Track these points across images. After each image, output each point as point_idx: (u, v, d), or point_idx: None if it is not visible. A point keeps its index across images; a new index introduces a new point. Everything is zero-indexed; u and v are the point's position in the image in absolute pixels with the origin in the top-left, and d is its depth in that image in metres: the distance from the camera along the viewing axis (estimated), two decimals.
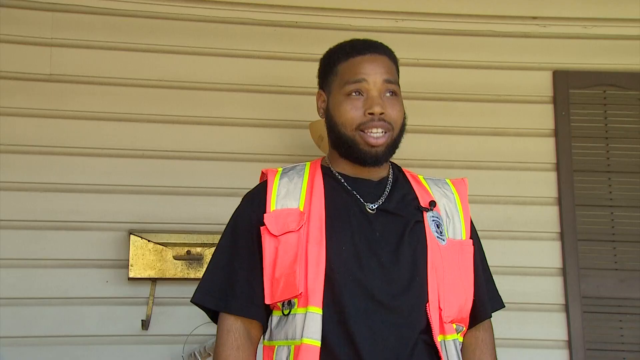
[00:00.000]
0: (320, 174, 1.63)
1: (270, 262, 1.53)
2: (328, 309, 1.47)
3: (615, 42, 3.25)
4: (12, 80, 2.94)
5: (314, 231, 1.52)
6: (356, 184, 1.62)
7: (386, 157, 1.61)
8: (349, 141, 1.59)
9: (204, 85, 3.06)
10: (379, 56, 1.64)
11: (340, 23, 3.13)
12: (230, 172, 2.99)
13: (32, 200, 2.87)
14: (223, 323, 1.57)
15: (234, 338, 1.54)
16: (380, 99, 1.58)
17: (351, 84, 1.59)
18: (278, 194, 1.60)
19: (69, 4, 3.02)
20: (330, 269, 1.49)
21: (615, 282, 3.03)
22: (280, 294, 1.51)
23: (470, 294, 1.58)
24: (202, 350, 2.77)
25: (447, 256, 1.56)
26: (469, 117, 3.16)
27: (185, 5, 3.09)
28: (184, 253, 2.84)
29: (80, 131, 2.95)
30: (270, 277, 1.52)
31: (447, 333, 1.51)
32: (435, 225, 1.59)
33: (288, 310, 1.50)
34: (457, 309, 1.54)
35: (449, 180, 1.72)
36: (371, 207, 1.57)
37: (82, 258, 2.85)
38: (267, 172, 1.68)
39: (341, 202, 1.58)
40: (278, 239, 1.53)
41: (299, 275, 1.48)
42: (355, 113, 1.58)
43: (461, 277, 1.57)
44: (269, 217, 1.56)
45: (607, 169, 3.14)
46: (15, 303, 2.79)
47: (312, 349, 1.44)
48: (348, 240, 1.53)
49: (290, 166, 1.69)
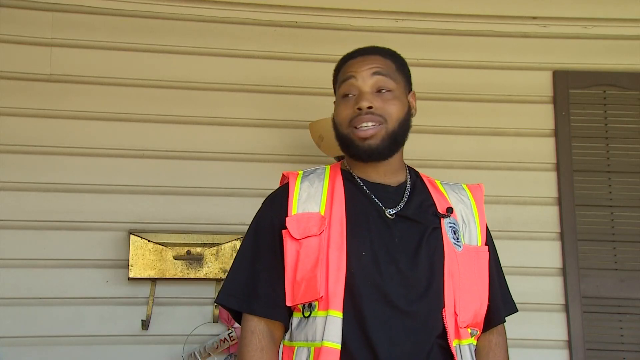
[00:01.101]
0: (341, 179, 1.67)
1: (292, 265, 1.56)
2: (348, 313, 1.50)
3: (615, 42, 3.25)
4: (12, 80, 2.94)
5: (335, 236, 1.55)
6: (376, 189, 1.64)
7: (383, 150, 1.62)
8: (345, 139, 1.64)
9: (204, 85, 3.06)
10: (369, 56, 1.68)
11: (340, 23, 3.13)
12: (230, 172, 2.99)
13: (32, 200, 2.87)
14: (247, 324, 1.60)
15: (258, 339, 1.58)
16: (370, 95, 1.62)
17: (343, 84, 1.66)
18: (299, 197, 1.63)
19: (69, 4, 3.02)
20: (350, 273, 1.52)
21: (615, 282, 3.03)
22: (302, 296, 1.54)
23: (485, 299, 1.61)
24: (202, 350, 2.77)
25: (464, 262, 1.59)
26: (469, 117, 3.16)
27: (185, 5, 3.09)
28: (184, 253, 2.84)
29: (80, 131, 2.95)
30: (292, 280, 1.55)
31: (463, 338, 1.54)
32: (452, 231, 1.62)
33: (309, 312, 1.53)
34: (472, 314, 1.57)
35: (465, 185, 1.75)
36: (390, 213, 1.60)
37: (82, 258, 2.85)
38: (289, 175, 1.70)
39: (361, 207, 1.61)
40: (299, 243, 1.56)
41: (320, 279, 1.51)
42: (348, 111, 1.63)
43: (477, 283, 1.60)
44: (291, 220, 1.58)
45: (607, 169, 3.14)
46: (15, 303, 2.79)
47: (332, 352, 1.47)
48: (367, 245, 1.55)
49: (311, 169, 1.72)
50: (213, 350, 2.77)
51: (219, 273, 2.83)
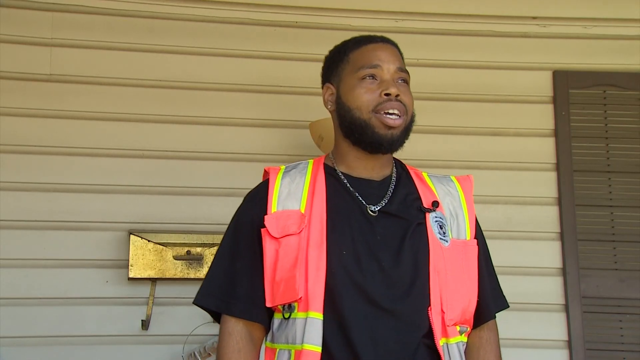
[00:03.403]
0: (323, 174, 1.61)
1: (271, 265, 1.51)
2: (328, 314, 1.46)
3: (615, 42, 3.24)
4: (12, 80, 2.94)
5: (315, 234, 1.50)
6: (359, 184, 1.60)
7: (401, 142, 1.59)
8: (364, 125, 1.56)
9: (204, 85, 3.06)
10: (390, 45, 1.65)
11: (340, 23, 3.13)
12: (230, 172, 2.99)
13: (32, 200, 2.87)
14: (225, 325, 1.56)
15: (235, 341, 1.53)
16: (395, 83, 1.58)
17: (366, 69, 1.58)
18: (279, 194, 1.58)
19: (69, 4, 3.02)
20: (330, 273, 1.47)
21: (615, 282, 3.03)
22: (280, 297, 1.49)
23: (474, 296, 1.56)
24: (202, 350, 2.77)
25: (450, 258, 1.54)
26: (469, 117, 3.16)
27: (185, 5, 3.09)
28: (184, 253, 2.84)
29: (80, 131, 2.95)
30: (271, 280, 1.51)
31: (451, 336, 1.49)
32: (438, 226, 1.56)
33: (288, 314, 1.48)
34: (460, 311, 1.52)
35: (453, 177, 1.70)
36: (373, 210, 1.55)
37: (82, 258, 2.85)
38: (270, 171, 1.65)
39: (343, 204, 1.56)
40: (279, 242, 1.52)
41: (299, 279, 1.47)
42: (371, 95, 1.56)
43: (465, 279, 1.55)
44: (270, 218, 1.54)
45: (607, 169, 3.14)
46: (15, 303, 2.79)
47: (312, 355, 1.43)
48: (349, 243, 1.51)
49: (293, 164, 1.67)
50: (213, 350, 2.77)
51: None
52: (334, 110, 1.65)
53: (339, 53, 1.66)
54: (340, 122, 1.63)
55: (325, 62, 1.70)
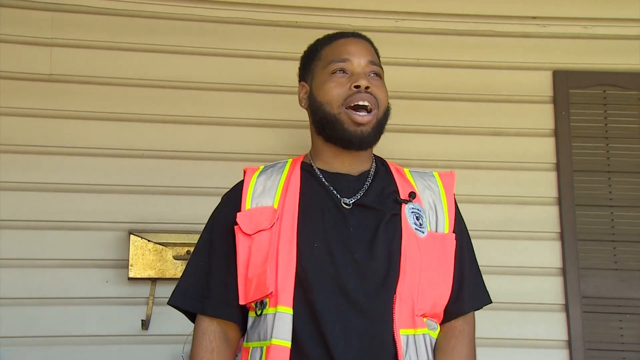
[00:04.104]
0: (299, 170, 1.61)
1: (244, 262, 1.51)
2: (299, 309, 1.44)
3: (615, 42, 3.24)
4: (12, 80, 2.94)
5: (286, 229, 1.49)
6: (335, 179, 1.59)
7: (372, 139, 1.58)
8: (334, 120, 1.56)
9: (204, 85, 3.06)
10: (361, 40, 1.66)
11: (340, 23, 3.13)
12: (230, 172, 2.97)
13: (32, 200, 2.87)
14: (198, 325, 1.55)
15: (208, 340, 1.53)
16: (366, 76, 1.57)
17: (336, 63, 1.58)
18: (254, 192, 1.58)
19: (69, 4, 3.02)
20: (301, 267, 1.46)
21: (615, 282, 3.03)
22: (253, 294, 1.48)
23: (447, 290, 1.53)
24: None
25: (426, 249, 1.52)
26: (469, 117, 3.16)
27: (185, 5, 3.09)
28: (184, 253, 2.84)
29: (80, 131, 2.95)
30: (244, 277, 1.50)
31: (418, 326, 1.47)
32: (415, 217, 1.55)
33: (260, 310, 1.47)
34: (431, 303, 1.50)
35: (436, 172, 1.69)
36: (347, 202, 1.54)
37: (82, 258, 2.85)
38: (247, 170, 1.65)
39: (316, 198, 1.55)
40: (251, 238, 1.51)
41: (270, 274, 1.46)
42: (341, 89, 1.56)
43: (439, 271, 1.52)
44: (242, 215, 1.54)
45: (607, 169, 3.14)
46: (15, 303, 2.79)
47: (281, 350, 1.41)
48: (320, 237, 1.49)
49: (272, 163, 1.67)
50: None
51: None
52: (307, 107, 1.65)
53: (312, 51, 1.67)
54: (313, 119, 1.63)
55: (300, 61, 1.72)
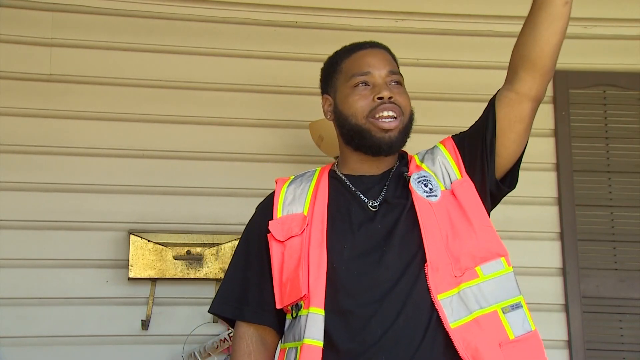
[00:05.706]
0: (327, 177, 1.67)
1: (278, 267, 1.57)
2: (331, 309, 1.49)
3: (615, 42, 3.24)
4: (12, 80, 2.94)
5: (316, 233, 1.55)
6: (360, 181, 1.64)
7: (400, 143, 1.64)
8: (361, 131, 1.61)
9: (204, 85, 3.06)
10: (380, 50, 1.69)
11: (340, 23, 3.13)
12: (230, 172, 2.99)
13: (32, 200, 2.87)
14: (237, 330, 1.63)
15: (245, 344, 1.60)
16: (387, 86, 1.62)
17: (357, 77, 1.63)
18: (284, 200, 1.64)
19: (69, 4, 3.02)
20: (332, 269, 1.51)
21: (615, 282, 3.03)
22: (288, 297, 1.54)
23: (483, 235, 1.56)
24: (202, 350, 2.77)
25: (442, 211, 1.55)
26: (469, 117, 3.12)
27: (185, 5, 3.09)
28: (184, 253, 2.84)
29: (80, 131, 2.95)
30: (279, 282, 1.57)
31: (463, 282, 1.48)
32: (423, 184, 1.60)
33: (296, 313, 1.53)
34: (469, 256, 1.51)
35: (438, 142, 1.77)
36: (372, 205, 1.59)
37: (82, 258, 2.85)
38: (278, 181, 1.72)
39: (344, 202, 1.61)
40: (284, 244, 1.58)
41: (302, 277, 1.51)
42: (365, 101, 1.61)
43: (465, 224, 1.55)
44: (274, 223, 1.60)
45: (607, 169, 3.14)
46: (15, 303, 2.79)
47: (313, 349, 1.46)
48: (349, 238, 1.54)
49: (301, 173, 1.72)
50: (213, 350, 2.77)
51: (219, 273, 2.83)
52: (333, 119, 1.70)
53: (332, 64, 1.72)
54: (340, 131, 1.69)
55: (321, 74, 1.76)
